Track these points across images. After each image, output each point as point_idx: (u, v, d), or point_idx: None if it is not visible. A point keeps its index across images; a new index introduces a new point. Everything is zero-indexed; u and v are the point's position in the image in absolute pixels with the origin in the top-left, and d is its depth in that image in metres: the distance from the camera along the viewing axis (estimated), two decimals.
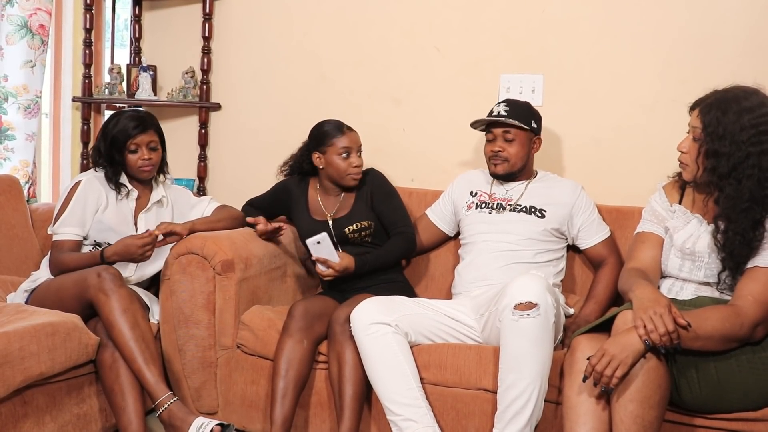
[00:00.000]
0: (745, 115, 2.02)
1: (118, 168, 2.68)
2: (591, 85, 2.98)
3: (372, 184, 2.82)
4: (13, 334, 2.14)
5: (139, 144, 2.66)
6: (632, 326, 1.90)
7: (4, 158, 3.24)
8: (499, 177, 2.76)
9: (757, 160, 2.00)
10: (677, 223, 2.22)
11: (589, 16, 2.96)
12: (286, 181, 2.94)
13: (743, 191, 2.01)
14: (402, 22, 3.22)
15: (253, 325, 2.59)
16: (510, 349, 2.17)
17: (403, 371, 2.30)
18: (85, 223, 2.62)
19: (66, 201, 2.62)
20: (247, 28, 3.46)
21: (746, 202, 2.01)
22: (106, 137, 2.67)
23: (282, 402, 2.39)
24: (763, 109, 2.03)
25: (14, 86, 3.21)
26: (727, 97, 2.07)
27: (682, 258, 2.18)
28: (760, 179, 2.01)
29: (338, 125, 2.78)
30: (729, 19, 2.79)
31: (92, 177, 2.68)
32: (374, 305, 2.38)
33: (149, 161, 2.68)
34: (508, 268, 2.58)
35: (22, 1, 3.16)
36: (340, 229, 2.75)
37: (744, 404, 1.99)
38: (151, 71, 3.49)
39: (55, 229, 2.61)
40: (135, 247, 2.50)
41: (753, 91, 2.08)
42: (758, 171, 2.00)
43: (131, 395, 2.34)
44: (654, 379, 1.88)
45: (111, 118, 2.72)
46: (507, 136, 2.70)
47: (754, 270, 2.00)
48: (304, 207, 2.86)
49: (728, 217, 2.04)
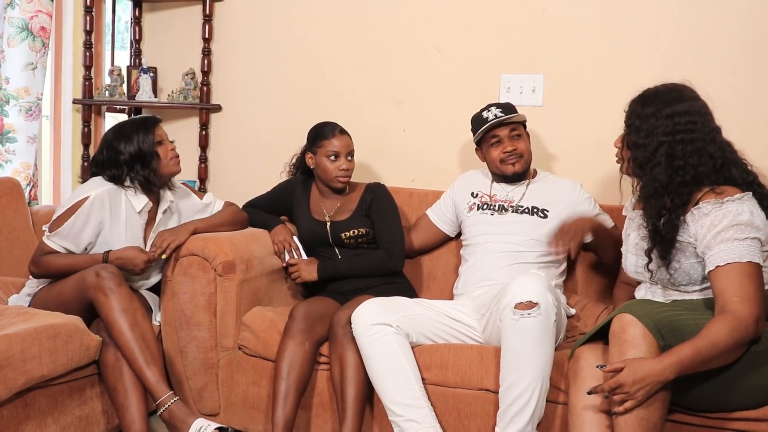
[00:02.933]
0: (664, 107, 2.08)
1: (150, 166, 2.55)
2: (591, 85, 2.99)
3: (375, 195, 2.81)
4: (15, 336, 2.14)
5: (162, 136, 2.61)
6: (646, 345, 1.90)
7: (5, 160, 3.25)
8: (514, 177, 2.75)
9: (669, 148, 2.06)
10: (633, 225, 2.27)
11: (589, 15, 2.97)
12: (292, 179, 2.97)
13: (654, 179, 2.07)
14: (402, 23, 3.22)
15: (255, 326, 2.59)
16: (511, 348, 2.17)
17: (405, 372, 2.30)
18: (80, 243, 2.51)
19: (69, 212, 2.48)
20: (248, 29, 3.46)
21: (654, 189, 2.07)
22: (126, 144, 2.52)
23: (284, 404, 2.39)
24: (682, 103, 2.09)
25: (15, 89, 3.21)
26: (649, 92, 2.16)
27: (636, 254, 2.22)
28: (671, 167, 2.05)
29: (332, 128, 2.80)
30: (728, 19, 2.79)
31: (103, 193, 2.51)
32: (375, 306, 2.38)
33: (176, 152, 2.63)
34: (510, 269, 2.58)
35: (23, 3, 3.16)
36: (337, 232, 2.77)
37: (744, 401, 1.99)
38: (151, 73, 3.50)
39: (50, 236, 2.51)
40: (139, 261, 2.50)
41: (674, 86, 2.14)
42: (667, 159, 2.06)
43: (134, 394, 2.34)
44: None
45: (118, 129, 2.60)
46: (513, 134, 2.72)
47: (718, 271, 1.98)
48: (305, 206, 2.88)
49: (643, 206, 2.12)
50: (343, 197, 2.86)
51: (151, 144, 2.55)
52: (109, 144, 2.57)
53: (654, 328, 1.90)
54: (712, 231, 1.99)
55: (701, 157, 2.05)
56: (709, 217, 2.01)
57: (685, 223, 2.06)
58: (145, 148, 2.54)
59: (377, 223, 2.77)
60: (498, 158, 2.73)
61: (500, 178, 2.79)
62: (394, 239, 2.75)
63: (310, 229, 2.84)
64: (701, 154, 2.06)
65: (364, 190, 2.85)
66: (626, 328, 1.92)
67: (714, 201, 2.02)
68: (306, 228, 2.84)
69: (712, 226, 2.00)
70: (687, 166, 2.05)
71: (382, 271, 2.73)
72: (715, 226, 1.99)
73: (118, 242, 2.56)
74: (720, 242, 1.98)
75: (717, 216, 2.00)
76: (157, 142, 2.58)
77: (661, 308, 1.99)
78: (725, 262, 1.97)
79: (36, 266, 2.54)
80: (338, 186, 2.81)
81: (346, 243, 2.77)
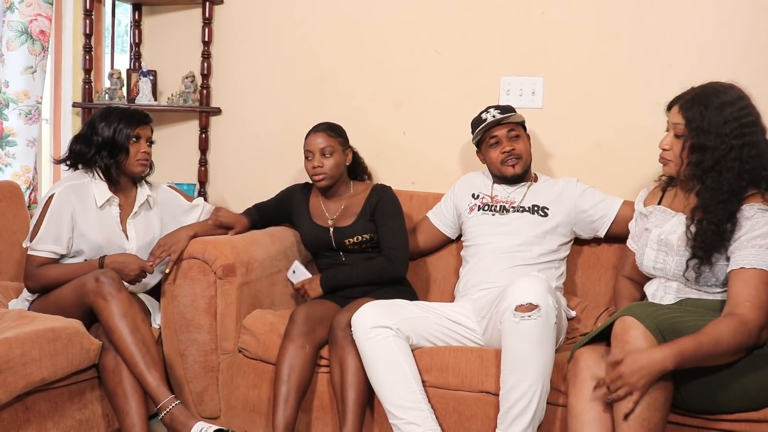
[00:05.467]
0: (726, 108, 2.06)
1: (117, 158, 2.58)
2: (591, 88, 2.99)
3: (380, 199, 2.78)
4: (15, 339, 2.14)
5: (142, 135, 2.62)
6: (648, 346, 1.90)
7: (5, 164, 3.24)
8: (514, 179, 2.75)
9: (738, 152, 2.04)
10: (655, 221, 2.25)
11: (588, 18, 2.97)
12: (292, 187, 2.97)
13: (723, 183, 2.04)
14: (402, 26, 3.22)
15: (255, 329, 2.58)
16: (511, 350, 2.17)
17: (405, 374, 2.30)
18: (61, 239, 2.52)
19: (41, 216, 2.51)
20: (247, 32, 3.46)
21: (725, 193, 2.04)
22: (105, 127, 2.57)
23: (284, 407, 2.39)
24: (741, 102, 2.08)
25: (15, 92, 3.21)
26: (706, 92, 2.11)
27: (657, 250, 2.20)
28: (739, 171, 2.04)
29: (313, 127, 2.81)
30: (728, 21, 2.80)
31: (67, 188, 2.55)
32: (375, 309, 2.38)
33: (147, 155, 2.65)
34: (510, 271, 2.59)
35: (22, 6, 3.16)
36: (341, 238, 2.76)
37: (744, 403, 2.00)
38: (151, 76, 3.50)
39: (32, 245, 2.52)
40: (134, 267, 2.50)
41: (729, 86, 2.12)
42: (738, 164, 2.03)
43: (134, 399, 2.34)
44: (659, 380, 1.88)
45: (106, 111, 2.64)
46: (512, 134, 2.72)
47: (741, 272, 1.99)
48: (305, 212, 2.86)
49: (706, 208, 2.07)
50: (347, 199, 2.84)
51: (126, 137, 2.58)
52: (92, 121, 2.63)
53: (655, 330, 1.90)
54: (750, 234, 2.00)
55: (762, 159, 2.05)
56: (750, 221, 2.02)
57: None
58: (119, 139, 2.57)
59: (381, 228, 2.75)
60: (498, 159, 2.73)
61: (501, 180, 2.79)
62: (397, 245, 2.72)
63: (312, 234, 2.83)
64: (763, 156, 2.06)
65: (369, 192, 2.83)
66: (628, 330, 1.92)
67: (759, 206, 2.02)
68: (308, 233, 2.84)
69: (750, 229, 2.01)
70: (753, 169, 2.04)
71: (384, 278, 2.71)
72: (753, 230, 2.00)
73: (92, 234, 2.56)
74: (753, 246, 1.99)
75: (759, 221, 2.01)
76: (134, 138, 2.60)
77: (662, 310, 1.99)
78: (751, 266, 1.98)
79: (31, 280, 2.53)
80: (319, 186, 2.80)
81: (351, 248, 2.77)
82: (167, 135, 3.52)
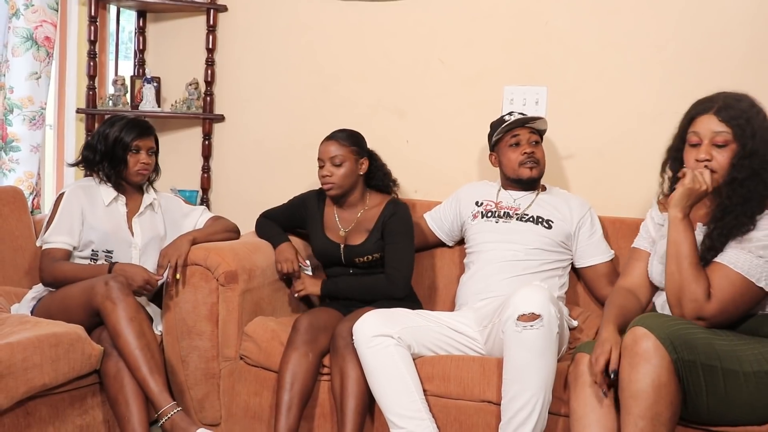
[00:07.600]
0: (761, 113, 2.06)
1: (117, 168, 2.68)
2: (594, 97, 2.99)
3: (393, 215, 2.73)
4: (17, 344, 2.14)
5: (141, 146, 2.68)
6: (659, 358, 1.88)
7: (9, 169, 3.25)
8: (529, 182, 2.75)
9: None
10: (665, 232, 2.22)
11: (591, 28, 2.98)
12: (307, 193, 2.93)
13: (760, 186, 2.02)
14: (406, 34, 3.23)
15: (257, 336, 2.58)
16: (513, 360, 2.17)
17: (406, 384, 2.30)
18: (73, 232, 2.61)
19: (53, 213, 2.62)
20: (251, 39, 3.47)
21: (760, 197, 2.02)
22: (107, 136, 2.67)
23: (287, 415, 2.38)
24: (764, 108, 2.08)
25: (20, 98, 3.21)
26: (737, 98, 2.09)
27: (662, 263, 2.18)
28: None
29: (329, 134, 2.79)
30: (731, 31, 2.80)
31: (76, 187, 2.68)
32: (376, 317, 2.37)
33: (147, 165, 2.71)
34: (512, 280, 2.58)
35: (27, 13, 3.17)
36: (351, 256, 2.75)
37: (750, 418, 1.97)
38: (155, 83, 3.51)
39: (45, 238, 2.61)
40: (138, 278, 2.52)
41: (745, 94, 2.11)
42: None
43: (135, 405, 2.34)
44: (665, 395, 1.86)
45: (113, 119, 2.73)
46: (533, 139, 2.74)
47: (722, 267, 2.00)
48: (319, 222, 2.84)
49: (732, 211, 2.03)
50: (362, 211, 2.80)
51: (125, 148, 2.67)
52: (102, 128, 2.73)
53: (666, 340, 1.87)
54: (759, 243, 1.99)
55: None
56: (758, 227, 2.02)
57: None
58: (117, 150, 2.67)
59: (388, 245, 2.70)
60: (516, 160, 2.72)
61: (512, 184, 2.78)
62: (400, 266, 2.68)
63: (322, 248, 2.80)
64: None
65: (384, 207, 2.77)
66: (638, 342, 1.89)
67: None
68: (319, 246, 2.81)
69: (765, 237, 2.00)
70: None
71: (382, 296, 2.68)
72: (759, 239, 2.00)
73: (101, 224, 2.64)
74: (749, 251, 1.99)
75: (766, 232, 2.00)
76: (133, 150, 2.67)
77: (674, 321, 1.97)
78: (736, 268, 1.98)
79: (46, 273, 2.57)
80: (328, 194, 2.79)
81: (360, 265, 2.76)
82: (170, 141, 3.52)
